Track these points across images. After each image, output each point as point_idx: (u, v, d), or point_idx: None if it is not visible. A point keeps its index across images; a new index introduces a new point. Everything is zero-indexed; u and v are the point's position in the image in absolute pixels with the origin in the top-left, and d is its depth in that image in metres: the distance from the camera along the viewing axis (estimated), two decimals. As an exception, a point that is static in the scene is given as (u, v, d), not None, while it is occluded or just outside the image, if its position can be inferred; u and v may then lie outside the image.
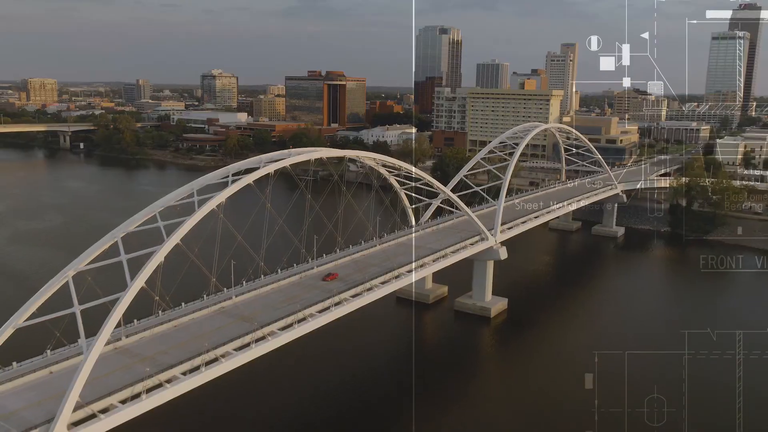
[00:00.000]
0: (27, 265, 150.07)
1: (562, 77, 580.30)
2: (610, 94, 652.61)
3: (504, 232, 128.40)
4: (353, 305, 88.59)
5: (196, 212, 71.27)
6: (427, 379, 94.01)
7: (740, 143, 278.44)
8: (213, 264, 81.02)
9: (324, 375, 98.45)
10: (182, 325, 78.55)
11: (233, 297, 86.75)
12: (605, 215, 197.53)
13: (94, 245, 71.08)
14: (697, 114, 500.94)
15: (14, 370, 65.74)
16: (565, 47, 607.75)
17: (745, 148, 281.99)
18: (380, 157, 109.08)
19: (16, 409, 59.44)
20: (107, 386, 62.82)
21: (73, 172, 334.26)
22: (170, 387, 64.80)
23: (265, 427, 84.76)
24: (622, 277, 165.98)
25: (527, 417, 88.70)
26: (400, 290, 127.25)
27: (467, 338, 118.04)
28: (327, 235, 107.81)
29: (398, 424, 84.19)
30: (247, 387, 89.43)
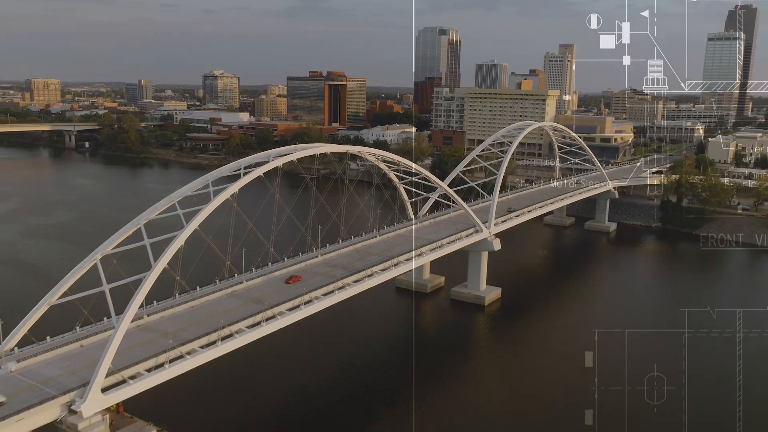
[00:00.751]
0: (42, 258, 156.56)
1: (560, 77, 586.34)
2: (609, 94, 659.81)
3: (498, 225, 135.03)
4: (355, 289, 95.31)
5: (213, 201, 77.97)
6: (425, 360, 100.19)
7: (731, 142, 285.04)
8: (227, 249, 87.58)
9: (331, 355, 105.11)
10: (198, 305, 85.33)
11: (244, 281, 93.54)
12: (598, 211, 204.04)
13: (119, 231, 78.02)
14: (693, 113, 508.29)
15: (49, 343, 72.50)
16: (563, 48, 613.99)
17: (736, 147, 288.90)
18: (380, 153, 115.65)
19: (54, 376, 66.18)
20: (133, 357, 69.60)
21: (80, 170, 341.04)
22: (190, 358, 71.52)
23: (276, 399, 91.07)
24: (614, 268, 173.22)
25: (525, 395, 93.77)
26: (400, 280, 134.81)
27: (463, 324, 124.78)
28: (330, 226, 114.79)
29: (400, 400, 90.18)
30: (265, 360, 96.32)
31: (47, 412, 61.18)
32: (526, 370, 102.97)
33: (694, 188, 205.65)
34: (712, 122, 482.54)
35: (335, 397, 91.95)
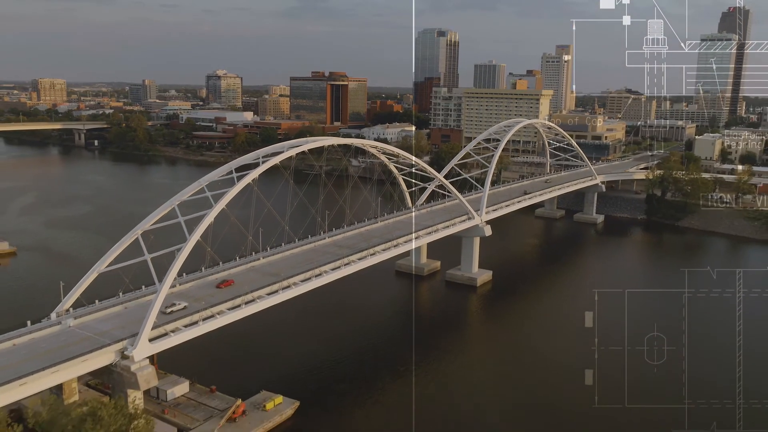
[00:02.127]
0: (68, 245, 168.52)
1: (557, 77, 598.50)
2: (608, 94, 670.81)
3: (489, 213, 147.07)
4: (360, 265, 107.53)
5: (237, 184, 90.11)
6: (423, 331, 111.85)
7: (717, 140, 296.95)
8: (249, 227, 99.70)
9: (341, 326, 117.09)
10: (222, 276, 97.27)
11: (261, 258, 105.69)
12: (586, 204, 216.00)
13: (156, 210, 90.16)
14: (685, 113, 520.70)
15: (98, 305, 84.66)
16: (560, 48, 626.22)
17: (722, 145, 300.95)
18: (382, 146, 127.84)
19: (106, 330, 78.34)
20: (172, 316, 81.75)
21: (91, 167, 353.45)
22: (219, 317, 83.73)
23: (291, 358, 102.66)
24: (599, 254, 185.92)
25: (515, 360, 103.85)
26: (400, 264, 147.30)
27: (456, 302, 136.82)
28: (336, 213, 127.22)
29: (401, 362, 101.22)
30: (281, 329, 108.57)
31: (105, 356, 73.34)
32: (515, 340, 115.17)
33: (678, 182, 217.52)
34: (705, 122, 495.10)
35: (346, 357, 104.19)
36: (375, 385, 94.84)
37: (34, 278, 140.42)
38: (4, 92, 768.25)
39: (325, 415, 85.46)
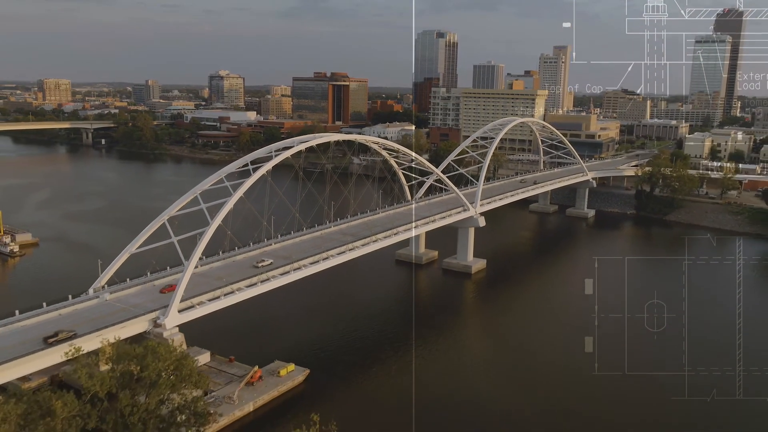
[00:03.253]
0: (86, 237, 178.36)
1: (555, 78, 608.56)
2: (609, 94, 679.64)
3: (483, 205, 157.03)
4: (363, 251, 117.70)
5: (252, 175, 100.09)
6: (422, 313, 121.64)
7: (706, 139, 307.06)
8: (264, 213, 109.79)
9: (347, 307, 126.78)
10: (240, 260, 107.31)
11: (272, 244, 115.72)
12: (578, 199, 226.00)
13: (180, 198, 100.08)
14: (680, 113, 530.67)
15: (129, 282, 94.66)
16: (557, 49, 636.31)
17: (712, 143, 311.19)
18: (383, 141, 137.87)
19: (139, 303, 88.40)
20: (196, 291, 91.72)
21: (100, 164, 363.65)
22: (238, 293, 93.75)
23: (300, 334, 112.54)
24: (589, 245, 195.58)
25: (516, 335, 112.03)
26: (400, 254, 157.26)
27: (453, 287, 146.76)
28: (341, 205, 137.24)
29: (402, 339, 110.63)
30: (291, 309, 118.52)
31: (140, 324, 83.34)
32: (508, 319, 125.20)
33: (666, 179, 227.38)
34: (699, 121, 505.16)
35: (351, 333, 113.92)
36: (378, 357, 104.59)
37: (57, 266, 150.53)
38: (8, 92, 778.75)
39: (333, 381, 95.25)
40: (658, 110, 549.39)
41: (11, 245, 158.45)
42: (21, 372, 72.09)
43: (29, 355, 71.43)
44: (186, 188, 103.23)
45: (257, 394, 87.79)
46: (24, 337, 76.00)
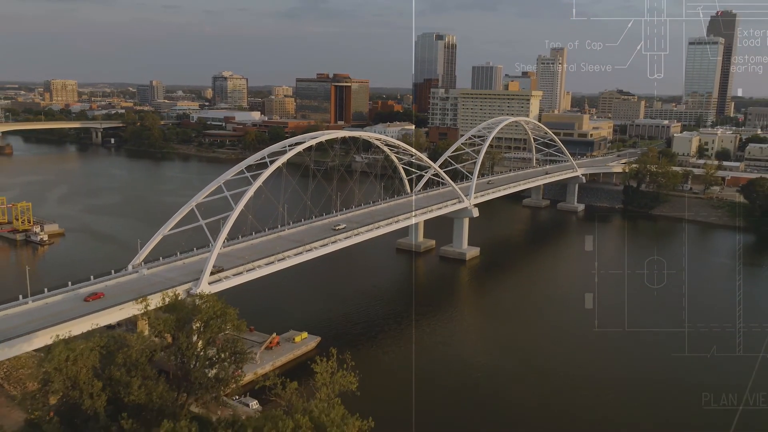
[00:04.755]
0: (107, 228, 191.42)
1: (552, 79, 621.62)
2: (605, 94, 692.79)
3: (477, 198, 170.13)
4: (367, 236, 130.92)
5: (270, 167, 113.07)
6: (421, 294, 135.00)
7: (694, 138, 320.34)
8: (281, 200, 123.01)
9: (352, 288, 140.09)
10: (257, 243, 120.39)
11: (286, 230, 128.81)
12: (568, 194, 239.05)
13: (206, 187, 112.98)
14: (673, 113, 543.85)
15: (162, 261, 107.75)
16: (554, 51, 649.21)
17: (699, 142, 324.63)
18: (384, 138, 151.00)
19: (173, 277, 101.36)
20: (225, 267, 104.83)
21: (111, 162, 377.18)
22: (258, 269, 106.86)
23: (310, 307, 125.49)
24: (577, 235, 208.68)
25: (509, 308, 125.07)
26: (400, 243, 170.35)
27: (448, 272, 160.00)
28: (346, 196, 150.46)
29: (403, 316, 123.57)
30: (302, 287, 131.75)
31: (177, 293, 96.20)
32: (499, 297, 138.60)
33: (652, 175, 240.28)
34: (692, 121, 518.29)
35: (358, 309, 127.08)
36: (383, 328, 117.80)
37: (84, 252, 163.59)
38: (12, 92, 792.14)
39: (343, 347, 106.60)
40: (653, 110, 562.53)
41: (41, 234, 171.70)
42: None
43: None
44: (195, 184, 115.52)
45: (276, 356, 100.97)
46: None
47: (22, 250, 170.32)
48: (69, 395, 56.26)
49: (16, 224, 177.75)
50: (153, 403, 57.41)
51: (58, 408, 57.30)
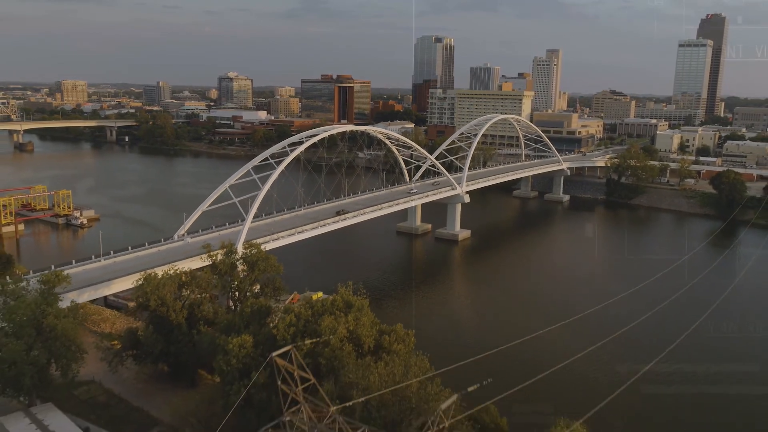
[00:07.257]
0: (138, 214, 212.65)
1: (547, 79, 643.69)
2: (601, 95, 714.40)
3: (468, 186, 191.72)
4: (371, 215, 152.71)
5: (290, 155, 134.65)
6: (419, 269, 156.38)
7: (675, 135, 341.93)
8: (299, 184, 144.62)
9: (358, 264, 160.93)
10: (279, 219, 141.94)
11: (302, 209, 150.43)
12: (554, 186, 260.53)
13: (238, 171, 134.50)
14: (663, 113, 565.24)
15: (201, 232, 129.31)
16: (549, 52, 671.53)
17: (681, 139, 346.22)
18: (387, 132, 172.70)
19: (213, 244, 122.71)
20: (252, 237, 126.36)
21: (128, 159, 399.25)
22: (281, 239, 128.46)
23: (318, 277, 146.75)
24: (559, 222, 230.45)
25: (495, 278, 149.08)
26: (400, 227, 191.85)
27: (443, 251, 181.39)
28: (352, 184, 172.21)
29: (404, 285, 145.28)
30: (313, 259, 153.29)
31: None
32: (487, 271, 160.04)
33: (633, 169, 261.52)
34: (681, 121, 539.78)
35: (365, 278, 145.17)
36: (388, 294, 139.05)
37: (120, 233, 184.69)
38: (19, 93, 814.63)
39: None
40: (644, 110, 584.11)
41: (81, 218, 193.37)
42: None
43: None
44: (208, 178, 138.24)
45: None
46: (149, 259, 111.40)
47: (64, 232, 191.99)
48: (158, 310, 77.77)
49: (57, 210, 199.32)
50: (219, 320, 78.88)
51: (150, 320, 78.80)
